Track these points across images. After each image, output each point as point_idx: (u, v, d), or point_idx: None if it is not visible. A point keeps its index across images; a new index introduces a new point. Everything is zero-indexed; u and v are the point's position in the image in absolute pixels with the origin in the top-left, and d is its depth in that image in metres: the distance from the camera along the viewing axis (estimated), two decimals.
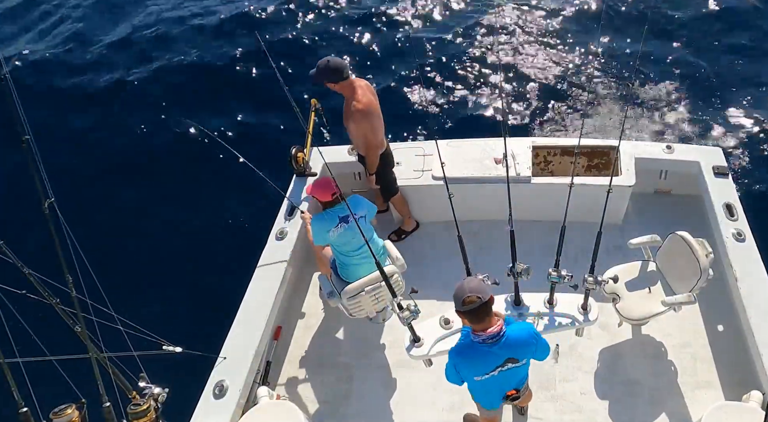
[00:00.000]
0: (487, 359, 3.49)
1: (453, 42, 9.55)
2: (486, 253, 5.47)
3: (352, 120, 5.14)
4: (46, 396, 3.32)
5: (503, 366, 3.52)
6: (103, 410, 3.37)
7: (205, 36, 10.00)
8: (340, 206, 4.60)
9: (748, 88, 8.54)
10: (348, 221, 4.59)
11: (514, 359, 3.52)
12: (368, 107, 5.11)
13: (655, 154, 5.73)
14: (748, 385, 4.40)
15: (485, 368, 3.53)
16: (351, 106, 5.09)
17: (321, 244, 4.84)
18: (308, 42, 9.73)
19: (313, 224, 4.73)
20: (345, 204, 4.43)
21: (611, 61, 9.00)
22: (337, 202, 4.61)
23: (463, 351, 3.54)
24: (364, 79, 5.31)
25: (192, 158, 8.16)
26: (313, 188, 4.72)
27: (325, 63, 5.00)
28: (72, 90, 9.30)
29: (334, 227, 4.61)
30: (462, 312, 3.35)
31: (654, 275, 4.90)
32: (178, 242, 7.35)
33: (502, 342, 3.42)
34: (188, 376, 4.50)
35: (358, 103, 5.06)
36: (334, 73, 4.99)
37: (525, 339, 3.54)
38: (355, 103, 5.06)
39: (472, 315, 3.34)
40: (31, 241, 5.13)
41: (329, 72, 4.99)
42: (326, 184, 4.66)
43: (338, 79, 5.01)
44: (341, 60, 5.11)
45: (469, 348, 3.47)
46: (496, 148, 5.74)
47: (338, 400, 4.94)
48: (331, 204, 4.64)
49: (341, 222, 4.61)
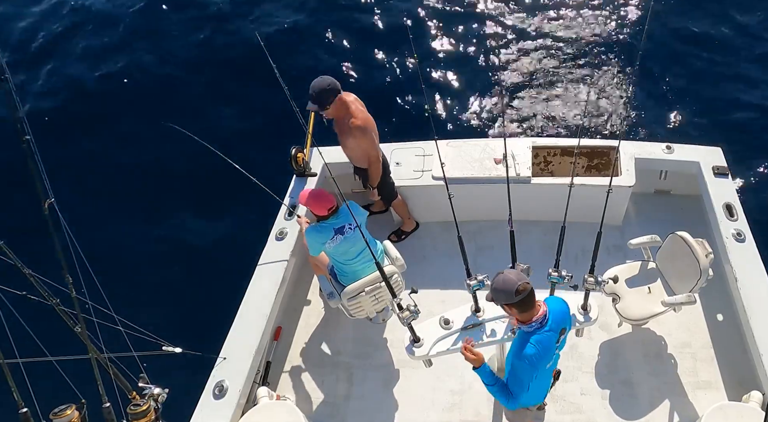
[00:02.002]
0: (551, 342, 3.45)
1: (453, 42, 9.54)
2: (486, 253, 5.48)
3: (352, 136, 5.08)
4: (46, 396, 3.32)
5: (558, 340, 3.51)
6: (103, 410, 3.37)
7: (205, 36, 10.00)
8: (335, 218, 4.59)
9: (748, 88, 8.54)
10: (344, 232, 4.59)
11: (564, 329, 3.52)
12: (366, 122, 5.05)
13: (655, 154, 5.73)
14: (748, 385, 4.41)
15: (552, 351, 3.50)
16: (348, 123, 5.01)
17: (316, 254, 4.83)
18: (308, 41, 9.71)
19: (308, 236, 4.70)
20: (339, 215, 4.51)
21: (611, 61, 9.00)
22: (332, 214, 4.59)
23: (538, 348, 3.41)
24: (351, 94, 5.16)
25: (192, 159, 8.13)
26: (309, 200, 4.67)
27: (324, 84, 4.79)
28: (72, 89, 9.29)
29: (329, 240, 4.61)
30: (514, 304, 3.28)
31: (654, 276, 4.90)
32: (178, 242, 7.35)
33: (551, 319, 3.40)
34: (188, 376, 4.51)
35: (356, 119, 4.99)
36: (335, 91, 4.84)
37: (562, 305, 3.56)
38: (353, 120, 4.99)
39: (525, 303, 3.28)
40: (31, 241, 5.12)
41: (332, 91, 4.83)
42: (322, 197, 4.62)
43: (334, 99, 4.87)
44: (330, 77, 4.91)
45: (539, 342, 3.40)
46: (496, 148, 5.74)
47: (338, 400, 4.94)
48: (326, 217, 4.62)
49: (336, 234, 4.60)
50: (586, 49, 9.20)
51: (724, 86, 8.57)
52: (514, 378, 3.49)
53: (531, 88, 8.76)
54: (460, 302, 4.32)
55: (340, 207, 4.64)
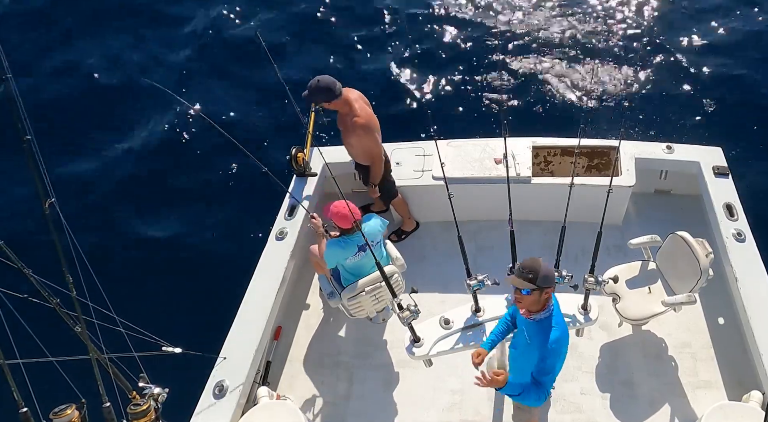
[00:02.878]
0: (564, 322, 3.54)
1: (453, 42, 9.54)
2: (486, 253, 5.48)
3: (355, 135, 5.09)
4: (46, 396, 3.32)
5: None
6: (103, 410, 3.37)
7: (204, 35, 10.00)
8: (358, 234, 4.46)
9: (748, 88, 8.54)
10: (365, 249, 4.56)
11: None
12: (369, 121, 5.06)
13: (655, 154, 5.73)
14: (748, 385, 4.41)
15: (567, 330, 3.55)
16: (351, 121, 5.02)
17: (331, 267, 4.77)
18: (308, 41, 9.71)
19: (331, 249, 4.62)
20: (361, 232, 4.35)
21: (611, 61, 8.99)
22: (357, 229, 4.45)
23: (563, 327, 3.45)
24: (355, 90, 5.20)
25: (193, 159, 8.16)
26: (334, 215, 4.54)
27: (316, 83, 4.90)
28: (72, 90, 9.29)
29: (352, 256, 4.60)
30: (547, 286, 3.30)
31: (654, 275, 4.90)
32: (179, 242, 7.35)
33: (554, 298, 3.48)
34: (188, 376, 4.50)
35: (359, 118, 4.99)
36: (327, 92, 4.91)
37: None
38: (356, 119, 4.99)
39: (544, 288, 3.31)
40: (32, 241, 5.12)
41: (322, 92, 4.91)
42: (346, 211, 4.47)
43: (332, 98, 4.94)
44: (330, 77, 5.00)
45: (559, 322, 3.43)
46: (496, 148, 5.74)
47: (338, 400, 4.94)
48: (351, 231, 4.55)
49: (359, 251, 4.60)
50: (587, 49, 9.19)
51: (725, 86, 8.57)
52: (544, 368, 3.39)
53: (531, 88, 8.75)
54: (460, 302, 4.33)
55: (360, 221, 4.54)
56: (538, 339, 3.41)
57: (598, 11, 9.79)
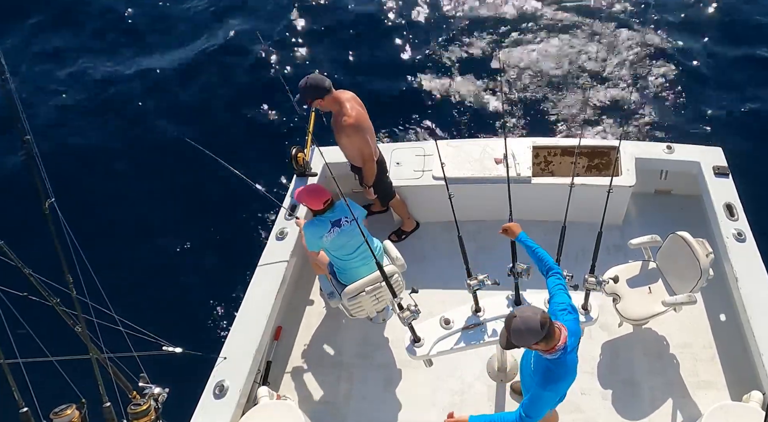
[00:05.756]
0: (575, 362, 3.38)
1: (453, 42, 9.54)
2: (486, 253, 5.47)
3: (345, 135, 5.09)
4: (46, 396, 3.32)
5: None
6: (103, 410, 3.38)
7: (204, 34, 10.00)
8: (331, 211, 4.61)
9: (748, 88, 8.54)
10: (340, 225, 4.60)
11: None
12: (358, 120, 5.06)
13: (655, 154, 5.73)
14: (748, 385, 4.40)
15: (576, 370, 3.42)
16: (341, 121, 5.03)
17: (315, 250, 4.83)
18: (309, 41, 9.72)
19: (306, 230, 4.71)
20: (335, 209, 4.53)
21: (612, 61, 8.99)
22: (328, 208, 4.60)
23: (566, 375, 3.34)
24: (349, 92, 5.22)
25: (193, 159, 8.14)
26: (304, 196, 4.68)
27: (305, 82, 4.96)
28: (73, 89, 9.30)
29: (326, 233, 4.61)
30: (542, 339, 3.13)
31: (654, 275, 4.90)
32: (179, 242, 7.35)
33: (571, 340, 3.29)
34: (188, 376, 4.50)
35: (348, 117, 5.00)
36: (315, 89, 4.93)
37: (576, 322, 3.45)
38: (345, 119, 5.00)
39: (551, 333, 3.14)
40: (32, 241, 5.13)
41: (311, 90, 4.94)
42: (317, 191, 4.64)
43: (323, 94, 4.95)
44: (320, 75, 5.06)
45: (566, 368, 3.31)
46: (496, 148, 5.74)
47: (338, 400, 4.94)
48: (322, 211, 4.63)
49: (333, 227, 4.61)
50: (587, 49, 9.19)
51: (725, 86, 8.57)
52: (534, 406, 3.32)
53: (531, 88, 8.76)
54: (461, 302, 4.32)
55: (336, 202, 4.65)
56: (538, 377, 3.36)
57: (598, 12, 9.79)
